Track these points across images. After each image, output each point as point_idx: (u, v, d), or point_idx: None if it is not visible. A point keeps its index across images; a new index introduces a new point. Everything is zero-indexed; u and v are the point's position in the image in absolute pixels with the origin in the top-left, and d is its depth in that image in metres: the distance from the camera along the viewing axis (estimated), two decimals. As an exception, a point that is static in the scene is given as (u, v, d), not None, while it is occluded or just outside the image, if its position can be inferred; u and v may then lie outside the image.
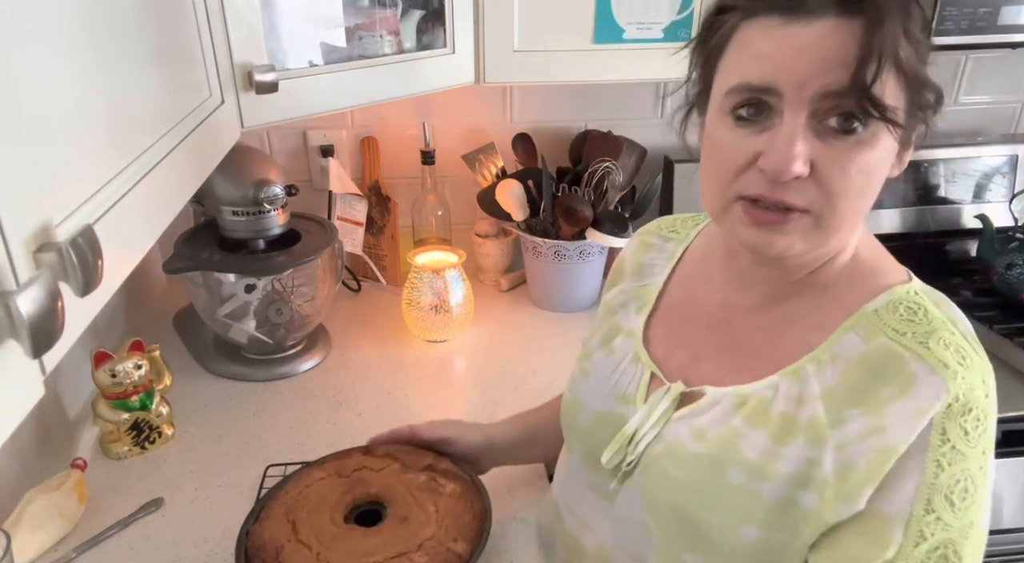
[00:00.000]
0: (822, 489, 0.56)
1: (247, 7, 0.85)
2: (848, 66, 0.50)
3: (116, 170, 0.52)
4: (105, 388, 1.01)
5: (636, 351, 0.72)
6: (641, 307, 0.75)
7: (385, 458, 0.90)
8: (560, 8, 1.13)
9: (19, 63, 0.40)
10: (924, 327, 0.57)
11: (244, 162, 1.12)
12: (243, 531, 0.81)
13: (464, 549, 0.78)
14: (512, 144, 1.46)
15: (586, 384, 0.75)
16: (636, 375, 0.70)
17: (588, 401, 0.74)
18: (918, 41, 0.53)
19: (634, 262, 0.81)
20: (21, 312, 0.33)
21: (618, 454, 0.68)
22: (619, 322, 0.76)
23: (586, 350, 0.78)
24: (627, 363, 0.72)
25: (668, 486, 0.64)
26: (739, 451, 0.60)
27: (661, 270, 0.77)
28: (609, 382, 0.72)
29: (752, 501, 0.58)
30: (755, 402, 0.61)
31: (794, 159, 0.52)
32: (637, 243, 0.83)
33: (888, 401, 0.55)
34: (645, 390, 0.69)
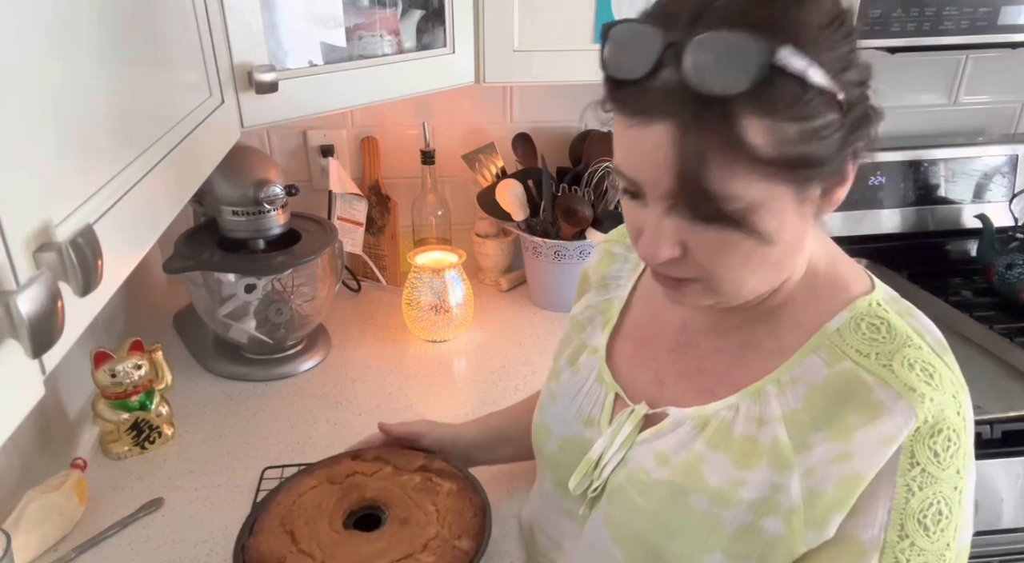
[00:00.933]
0: (789, 516, 0.55)
1: (247, 7, 0.85)
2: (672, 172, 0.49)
3: (116, 170, 0.52)
4: (105, 388, 1.01)
5: (600, 371, 0.71)
6: (607, 322, 0.74)
7: (376, 462, 0.89)
8: (560, 8, 1.13)
9: (19, 63, 0.40)
10: (887, 346, 0.56)
11: (244, 162, 1.12)
12: (238, 545, 0.80)
13: (469, 546, 0.78)
14: (512, 144, 1.46)
15: (553, 408, 0.74)
16: (600, 397, 0.69)
17: (555, 426, 0.73)
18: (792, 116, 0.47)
19: (598, 274, 0.80)
20: (21, 312, 0.33)
21: (584, 480, 0.67)
22: (586, 339, 0.75)
23: (555, 368, 0.77)
24: (591, 383, 0.71)
25: (633, 515, 0.63)
26: (701, 477, 0.59)
27: (625, 283, 0.76)
28: (574, 404, 0.71)
29: (715, 528, 0.58)
30: (716, 424, 0.60)
31: (658, 247, 0.53)
32: (601, 253, 0.81)
33: (855, 428, 0.54)
34: (610, 412, 0.68)
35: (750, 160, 0.47)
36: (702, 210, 0.50)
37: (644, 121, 0.50)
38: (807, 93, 0.47)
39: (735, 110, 0.46)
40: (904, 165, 1.53)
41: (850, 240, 1.52)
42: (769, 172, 0.48)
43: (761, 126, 0.47)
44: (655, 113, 0.49)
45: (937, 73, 1.57)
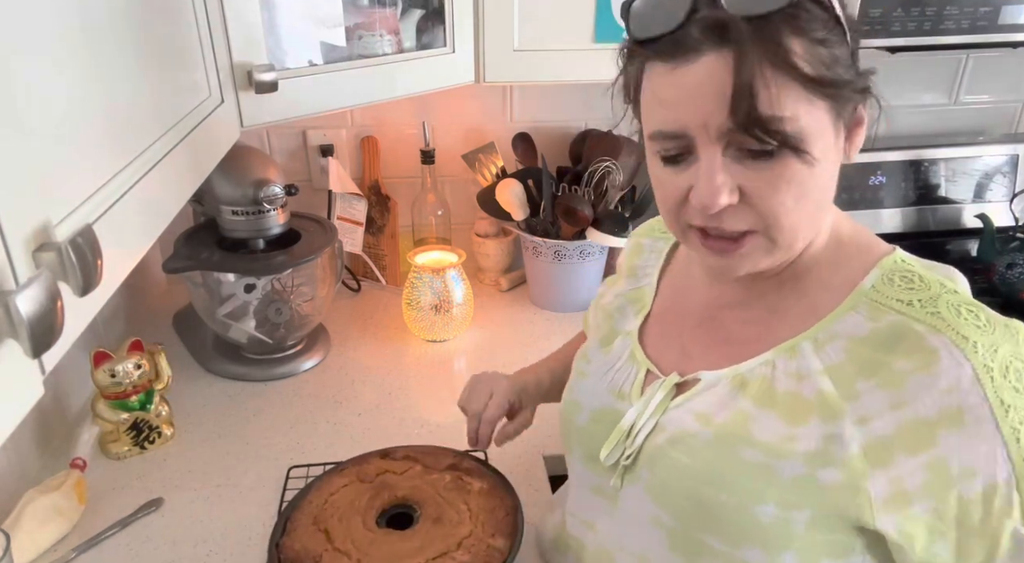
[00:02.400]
0: (846, 464, 0.55)
1: (247, 6, 0.85)
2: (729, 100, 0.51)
3: (115, 169, 0.52)
4: (104, 388, 1.01)
5: (632, 350, 0.73)
6: (639, 310, 0.76)
7: (406, 461, 0.91)
8: (560, 7, 1.13)
9: (19, 63, 0.40)
10: (926, 292, 0.57)
11: (244, 161, 1.12)
12: (272, 544, 0.81)
13: (503, 544, 0.79)
14: (512, 143, 1.45)
15: (582, 384, 0.75)
16: (632, 372, 0.71)
17: (585, 401, 0.74)
18: (820, 38, 0.52)
19: (628, 265, 0.82)
20: (21, 312, 0.33)
21: (616, 449, 0.67)
22: (617, 325, 0.77)
23: (583, 350, 0.79)
24: (623, 362, 0.72)
25: (679, 475, 0.62)
26: (751, 433, 0.59)
27: (652, 271, 0.78)
28: (605, 380, 0.73)
29: (769, 478, 0.57)
30: (757, 382, 0.61)
31: (717, 193, 0.53)
32: (631, 245, 0.84)
33: (907, 374, 0.54)
34: (640, 386, 0.69)
35: (796, 78, 0.51)
36: (758, 136, 0.51)
37: (689, 59, 0.52)
38: (829, 18, 0.52)
39: (778, 29, 0.50)
40: (905, 165, 1.53)
41: (850, 240, 1.52)
42: (811, 91, 0.51)
43: (800, 45, 0.51)
44: (701, 47, 0.51)
45: (938, 73, 1.57)
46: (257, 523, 0.92)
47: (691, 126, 0.53)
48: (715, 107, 0.51)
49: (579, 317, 1.42)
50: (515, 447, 1.04)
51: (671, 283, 0.76)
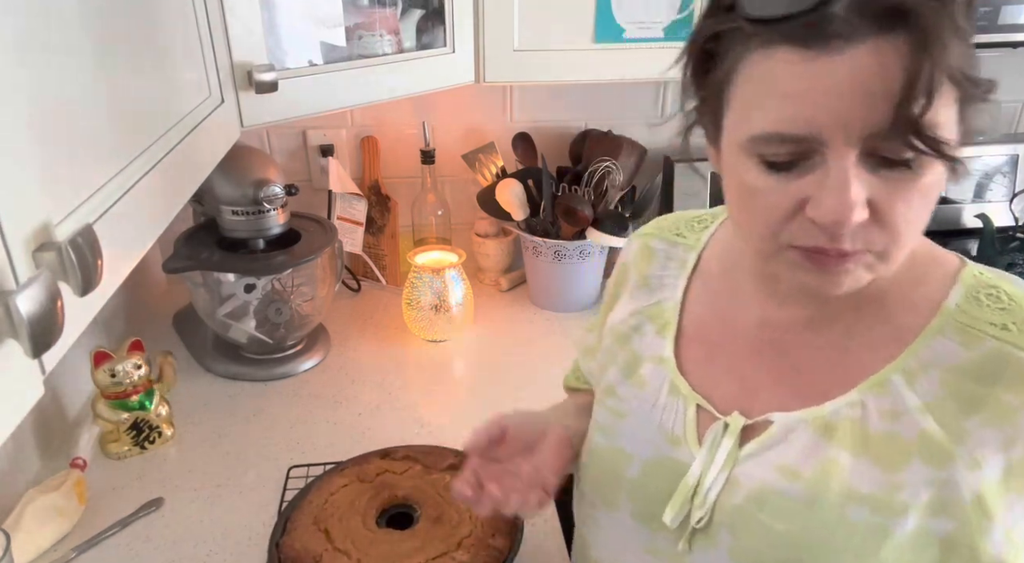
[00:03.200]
0: (962, 513, 0.49)
1: (247, 6, 0.85)
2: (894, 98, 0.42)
3: (116, 169, 0.52)
4: (105, 388, 1.01)
5: (672, 381, 0.62)
6: (662, 328, 0.66)
7: (405, 461, 0.91)
8: (560, 7, 1.13)
9: (18, 63, 0.40)
10: (1019, 313, 0.52)
11: (244, 161, 1.12)
12: (272, 544, 0.81)
13: (503, 544, 0.80)
14: (512, 143, 1.45)
15: (622, 427, 0.64)
16: (679, 410, 0.61)
17: (633, 449, 0.62)
18: (966, 32, 0.44)
19: (639, 273, 0.71)
20: (21, 312, 0.33)
21: (683, 509, 0.58)
22: (638, 349, 0.66)
23: (606, 385, 0.67)
24: (664, 397, 0.62)
25: (773, 542, 0.54)
26: (849, 486, 0.52)
27: (674, 283, 0.67)
28: (651, 422, 0.62)
29: (883, 539, 0.50)
30: (847, 426, 0.53)
31: (851, 207, 0.44)
32: (638, 249, 0.73)
33: (1017, 410, 0.49)
34: (695, 427, 0.60)
35: (951, 79, 0.43)
36: (914, 143, 0.43)
37: (835, 46, 0.42)
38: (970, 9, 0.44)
39: (938, 23, 0.41)
40: (904, 165, 1.53)
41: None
42: (957, 95, 0.45)
43: (953, 40, 0.43)
44: (857, 32, 0.42)
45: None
46: (257, 523, 0.92)
47: (826, 128, 0.44)
48: (865, 106, 0.43)
49: (579, 317, 1.43)
50: (515, 447, 1.04)
51: (706, 298, 0.65)
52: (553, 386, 1.19)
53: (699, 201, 1.48)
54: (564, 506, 1.01)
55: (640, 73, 1.19)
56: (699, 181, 1.48)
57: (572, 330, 1.37)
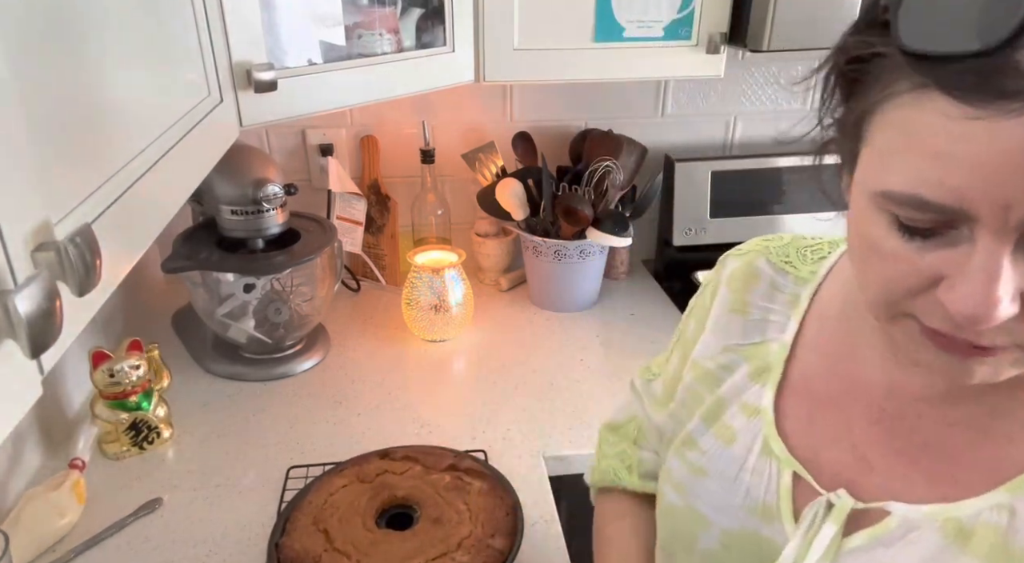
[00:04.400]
0: None
1: (246, 5, 0.85)
2: None
3: (114, 169, 0.52)
4: (103, 388, 1.00)
5: (766, 439, 0.53)
6: (761, 373, 0.56)
7: (405, 461, 0.91)
8: (560, 6, 1.12)
9: (17, 62, 0.39)
10: None
11: (243, 161, 1.12)
12: (272, 544, 0.81)
13: (503, 544, 0.80)
14: (512, 143, 1.45)
15: (703, 487, 0.56)
16: (772, 475, 0.52)
17: (712, 514, 0.55)
18: None
19: (737, 297, 0.60)
20: (19, 312, 0.33)
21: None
22: (726, 394, 0.57)
23: (686, 434, 0.59)
24: (756, 456, 0.53)
25: None
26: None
27: (783, 321, 0.57)
28: (738, 486, 0.53)
29: None
30: (987, 533, 0.43)
31: (995, 304, 0.36)
32: (740, 268, 0.61)
33: None
34: (790, 499, 0.51)
35: None
36: None
37: (1006, 110, 0.33)
38: None
39: None
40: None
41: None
42: None
43: None
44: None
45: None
46: (257, 523, 0.91)
47: (979, 204, 0.35)
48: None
49: (579, 317, 1.43)
50: (515, 447, 1.05)
51: (820, 345, 0.55)
52: (553, 386, 1.19)
53: (700, 201, 1.48)
54: (564, 506, 1.01)
55: (640, 72, 1.19)
56: (700, 181, 1.48)
57: (572, 330, 1.37)
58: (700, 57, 1.17)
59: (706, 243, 1.51)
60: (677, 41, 1.16)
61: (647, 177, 1.42)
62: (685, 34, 1.16)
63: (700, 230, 1.50)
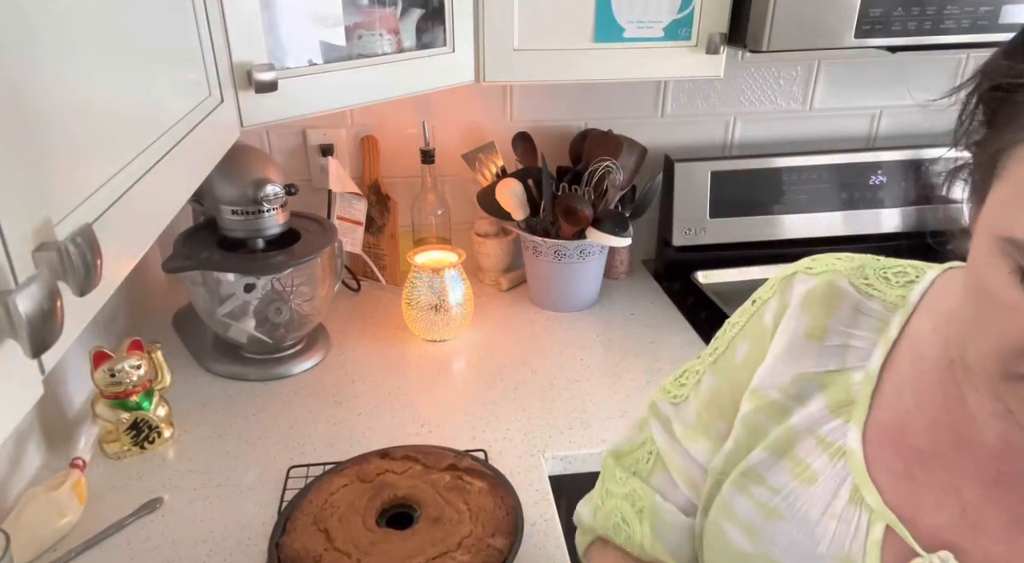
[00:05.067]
0: None
1: (246, 5, 0.85)
2: None
3: (115, 169, 0.52)
4: (104, 388, 1.01)
5: (856, 486, 0.48)
6: (843, 407, 0.50)
7: (405, 460, 0.92)
8: (560, 7, 1.12)
9: (17, 61, 0.40)
10: None
11: (243, 161, 1.12)
12: (272, 544, 0.81)
13: (503, 543, 0.80)
14: (512, 143, 1.45)
15: (779, 531, 0.50)
16: (860, 525, 0.47)
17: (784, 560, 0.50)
18: None
19: (816, 321, 0.53)
20: (20, 311, 0.33)
21: None
22: (799, 426, 0.51)
23: (748, 468, 0.52)
24: (843, 503, 0.48)
25: None
26: None
27: (867, 348, 0.51)
28: (821, 532, 0.48)
29: None
30: None
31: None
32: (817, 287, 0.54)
33: None
34: (878, 553, 0.46)
35: None
36: None
37: None
38: None
39: None
40: (905, 164, 1.53)
41: (850, 239, 1.52)
42: None
43: None
44: None
45: (938, 72, 1.57)
46: (257, 523, 0.91)
47: None
48: None
49: (579, 317, 1.43)
50: (515, 447, 1.05)
51: (914, 385, 0.49)
52: (553, 386, 1.19)
53: (700, 201, 1.48)
54: (564, 506, 1.01)
55: (640, 73, 1.19)
56: (700, 181, 1.48)
57: (572, 330, 1.37)
58: (700, 57, 1.17)
59: (706, 243, 1.51)
60: (677, 41, 1.17)
61: (647, 177, 1.42)
62: (685, 34, 1.16)
63: (700, 230, 1.50)
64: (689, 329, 1.35)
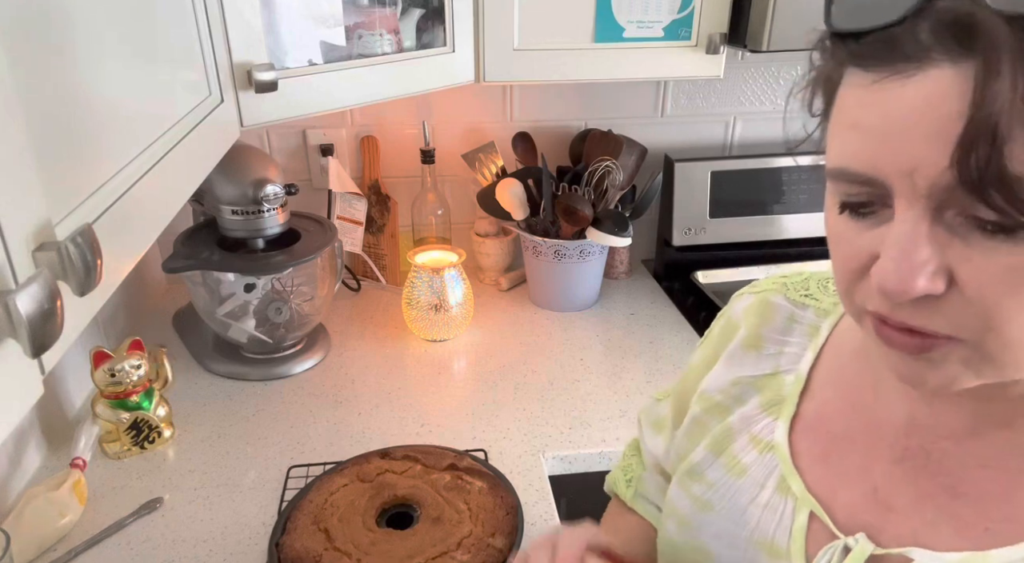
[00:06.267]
0: None
1: (246, 5, 0.85)
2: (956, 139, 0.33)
3: (115, 169, 0.52)
4: (104, 388, 1.01)
5: (783, 475, 0.51)
6: (776, 406, 0.54)
7: (405, 460, 0.92)
8: (560, 7, 1.13)
9: (17, 61, 0.40)
10: None
11: (243, 161, 1.12)
12: (272, 543, 0.81)
13: (503, 543, 0.80)
14: (512, 143, 1.45)
15: (708, 522, 0.54)
16: (785, 513, 0.50)
17: (716, 548, 0.53)
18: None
19: (750, 330, 0.58)
20: (20, 311, 0.33)
21: None
22: (736, 426, 0.55)
23: (690, 466, 0.57)
24: (771, 493, 0.51)
25: None
26: None
27: (799, 352, 0.55)
28: (746, 520, 0.51)
29: None
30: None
31: (911, 275, 0.35)
32: (753, 304, 0.60)
33: None
34: (803, 540, 0.48)
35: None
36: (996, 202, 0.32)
37: (903, 70, 0.34)
38: None
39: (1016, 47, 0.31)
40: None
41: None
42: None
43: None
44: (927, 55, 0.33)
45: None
46: (257, 523, 0.92)
47: (889, 171, 0.35)
48: (932, 149, 0.33)
49: (579, 317, 1.43)
50: (515, 447, 1.05)
51: (837, 379, 0.53)
52: (553, 386, 1.19)
53: (699, 201, 1.48)
54: (564, 506, 1.01)
55: (640, 72, 1.19)
56: (700, 181, 1.48)
57: (572, 330, 1.37)
58: (700, 57, 1.17)
59: (706, 243, 1.51)
60: (677, 41, 1.17)
61: (647, 177, 1.42)
62: (685, 34, 1.16)
63: (700, 230, 1.50)
64: (689, 329, 1.36)
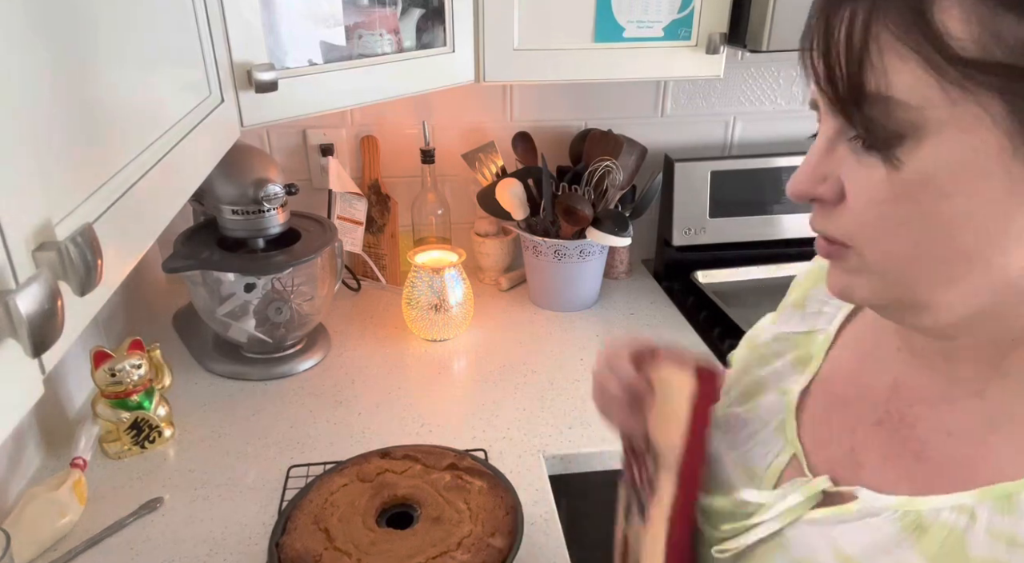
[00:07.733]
0: None
1: (246, 5, 0.85)
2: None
3: (115, 168, 0.52)
4: (104, 387, 1.01)
5: (783, 421, 0.55)
6: (803, 362, 0.57)
7: (405, 460, 0.92)
8: (560, 7, 1.13)
9: (18, 61, 0.40)
10: None
11: (244, 161, 1.12)
12: (272, 543, 0.81)
13: (503, 543, 0.80)
14: (512, 143, 1.45)
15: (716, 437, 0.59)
16: (772, 451, 0.54)
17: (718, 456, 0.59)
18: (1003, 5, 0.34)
19: (802, 292, 0.62)
20: (20, 311, 0.33)
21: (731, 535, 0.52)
22: (767, 376, 0.59)
23: (727, 400, 0.62)
24: (768, 431, 0.56)
25: None
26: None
27: (833, 315, 0.58)
28: (739, 448, 0.57)
29: None
30: (941, 532, 0.41)
31: (803, 178, 0.42)
32: (814, 268, 0.63)
33: None
34: (777, 472, 0.53)
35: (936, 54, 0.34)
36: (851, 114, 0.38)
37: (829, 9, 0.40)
38: None
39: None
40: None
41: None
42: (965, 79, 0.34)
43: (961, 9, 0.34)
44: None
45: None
46: (257, 523, 0.92)
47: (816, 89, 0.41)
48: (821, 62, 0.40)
49: (579, 316, 1.43)
50: (515, 447, 1.05)
51: (853, 344, 0.55)
52: (553, 386, 1.19)
53: (699, 201, 1.48)
54: (564, 506, 1.01)
55: (640, 72, 1.19)
56: (699, 181, 1.48)
57: (572, 330, 1.37)
58: (700, 57, 1.17)
59: (706, 243, 1.51)
60: (677, 41, 1.17)
61: (647, 177, 1.42)
62: (685, 34, 1.16)
63: (700, 230, 1.50)
64: (689, 329, 1.36)
